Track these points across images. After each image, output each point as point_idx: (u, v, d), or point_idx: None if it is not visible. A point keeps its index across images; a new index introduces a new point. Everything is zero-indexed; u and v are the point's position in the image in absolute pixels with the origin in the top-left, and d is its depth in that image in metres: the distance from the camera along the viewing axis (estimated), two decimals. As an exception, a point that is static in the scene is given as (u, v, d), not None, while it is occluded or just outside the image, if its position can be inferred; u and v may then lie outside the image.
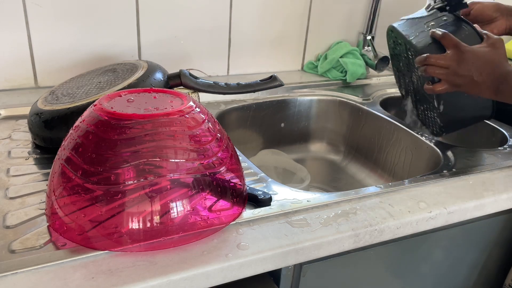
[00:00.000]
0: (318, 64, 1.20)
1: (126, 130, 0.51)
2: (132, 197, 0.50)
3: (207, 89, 0.79)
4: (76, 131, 0.54)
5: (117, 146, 0.50)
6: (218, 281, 0.52)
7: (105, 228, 0.50)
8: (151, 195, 0.50)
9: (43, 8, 0.90)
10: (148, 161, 0.51)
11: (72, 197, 0.52)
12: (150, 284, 0.47)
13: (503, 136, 0.95)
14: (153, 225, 0.51)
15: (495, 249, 0.82)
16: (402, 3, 1.28)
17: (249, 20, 1.10)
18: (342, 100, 1.11)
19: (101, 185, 0.50)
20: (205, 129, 0.56)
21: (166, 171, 0.51)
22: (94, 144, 0.51)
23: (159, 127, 0.52)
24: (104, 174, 0.50)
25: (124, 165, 0.50)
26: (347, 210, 0.62)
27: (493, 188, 0.71)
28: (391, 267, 0.72)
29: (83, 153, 0.51)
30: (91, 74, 0.82)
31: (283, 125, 1.09)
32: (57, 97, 0.76)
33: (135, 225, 0.50)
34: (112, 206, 0.50)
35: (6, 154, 0.71)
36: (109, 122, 0.52)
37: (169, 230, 0.52)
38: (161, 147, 0.51)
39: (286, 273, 0.60)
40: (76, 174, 0.51)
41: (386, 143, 1.01)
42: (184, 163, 0.52)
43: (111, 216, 0.50)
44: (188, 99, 0.58)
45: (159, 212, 0.51)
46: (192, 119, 0.55)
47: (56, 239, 0.52)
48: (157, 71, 0.78)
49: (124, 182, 0.50)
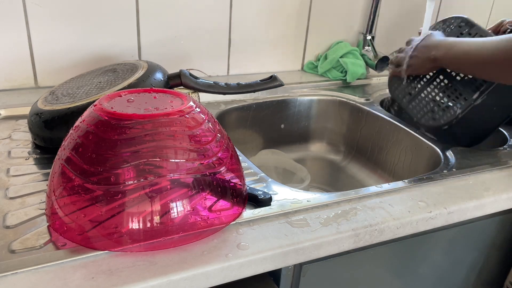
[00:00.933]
0: (318, 64, 1.20)
1: (126, 130, 0.51)
2: (132, 197, 0.50)
3: (207, 89, 0.79)
4: (76, 131, 0.54)
5: (117, 146, 0.50)
6: (218, 281, 0.52)
7: (105, 228, 0.50)
8: (151, 195, 0.50)
9: (43, 8, 0.90)
10: (148, 161, 0.51)
11: (72, 197, 0.52)
12: (150, 284, 0.47)
13: (503, 136, 0.95)
14: (153, 225, 0.51)
15: (495, 249, 0.82)
16: (402, 3, 1.28)
17: (249, 20, 1.10)
18: (342, 100, 1.11)
19: (101, 185, 0.50)
20: (205, 129, 0.56)
21: (166, 171, 0.51)
22: (94, 144, 0.51)
23: (159, 127, 0.52)
24: (104, 174, 0.50)
25: (124, 165, 0.50)
26: (347, 210, 0.62)
27: (493, 188, 0.71)
28: (391, 267, 0.72)
29: (83, 153, 0.51)
30: (91, 74, 0.82)
31: (283, 126, 1.09)
32: (57, 97, 0.76)
33: (135, 225, 0.50)
34: (112, 206, 0.50)
35: (6, 154, 0.71)
36: (109, 122, 0.52)
37: (169, 230, 0.52)
38: (161, 147, 0.51)
39: (286, 273, 0.60)
40: (76, 174, 0.51)
41: (386, 143, 1.01)
42: (184, 163, 0.52)
43: (111, 216, 0.50)
44: (188, 99, 0.58)
45: (159, 212, 0.51)
46: (192, 119, 0.55)
47: (56, 239, 0.52)
48: (157, 71, 0.78)
49: (124, 182, 0.50)
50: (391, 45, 1.27)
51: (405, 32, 1.33)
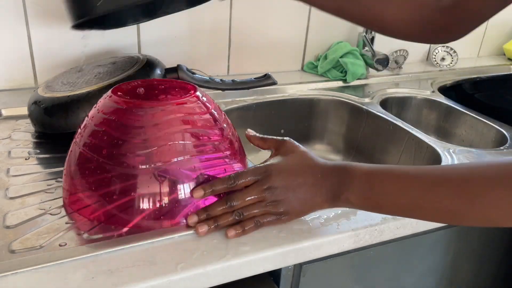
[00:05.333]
0: (318, 64, 1.20)
1: (140, 117, 0.55)
2: (143, 179, 0.53)
3: (203, 85, 0.82)
4: (93, 120, 0.57)
5: (132, 132, 0.54)
6: (218, 281, 0.52)
7: (119, 207, 0.54)
8: (161, 179, 0.54)
9: (43, 8, 0.90)
10: (160, 146, 0.54)
11: (91, 178, 0.55)
12: (150, 284, 0.47)
13: (503, 136, 0.95)
14: (162, 206, 0.54)
15: (496, 248, 0.82)
16: (402, 3, 1.28)
17: (249, 20, 1.10)
18: (342, 100, 1.11)
19: (117, 167, 0.53)
20: (213, 118, 0.60)
21: (175, 155, 0.54)
22: (112, 129, 0.55)
23: (171, 114, 0.56)
24: (119, 158, 0.53)
25: (138, 149, 0.53)
26: (347, 210, 0.62)
27: (493, 188, 0.71)
28: (391, 267, 0.72)
29: (100, 138, 0.55)
30: (91, 65, 0.85)
31: (283, 131, 1.09)
32: (58, 85, 0.78)
33: (146, 205, 0.54)
34: (126, 185, 0.53)
35: (6, 154, 0.71)
36: (126, 109, 0.56)
37: (175, 211, 0.55)
38: (172, 133, 0.55)
39: (286, 273, 0.60)
40: (94, 155, 0.54)
41: (386, 143, 1.01)
42: (194, 149, 0.56)
43: (125, 196, 0.53)
44: (195, 89, 0.61)
45: (167, 193, 0.54)
46: (200, 106, 0.59)
47: (78, 225, 0.53)
48: (155, 64, 0.81)
49: (138, 166, 0.53)
50: (391, 45, 1.27)
51: (405, 32, 1.33)
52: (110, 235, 0.53)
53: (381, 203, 0.52)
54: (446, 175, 0.49)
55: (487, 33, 1.49)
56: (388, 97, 1.14)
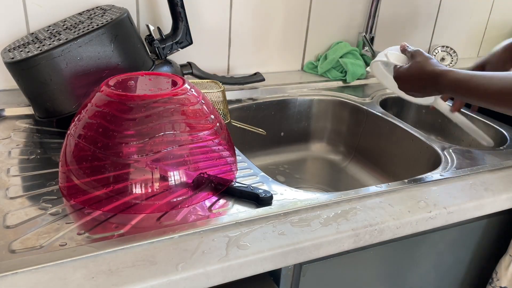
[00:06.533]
0: (318, 64, 1.20)
1: (133, 109, 0.57)
2: (137, 165, 0.57)
3: (209, 77, 0.97)
4: (87, 112, 0.60)
5: (125, 123, 0.57)
6: (218, 281, 0.52)
7: (114, 194, 0.56)
8: (153, 166, 0.57)
9: (43, 8, 0.90)
10: (154, 136, 0.57)
11: (84, 166, 0.58)
12: (150, 284, 0.47)
13: (503, 136, 0.95)
14: (154, 191, 0.58)
15: (495, 248, 0.82)
16: (402, 3, 1.28)
17: (249, 20, 1.10)
18: (342, 100, 1.11)
19: (110, 156, 0.56)
20: (201, 109, 0.63)
21: (166, 145, 0.57)
22: (105, 121, 0.57)
23: (163, 105, 0.58)
24: (113, 148, 0.56)
25: (131, 140, 0.57)
26: (347, 210, 0.62)
27: (492, 188, 0.72)
28: (391, 267, 0.72)
29: (94, 129, 0.58)
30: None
31: (283, 134, 1.10)
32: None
33: (138, 190, 0.57)
34: (119, 173, 0.56)
35: (6, 154, 0.71)
36: (118, 102, 0.58)
37: (164, 195, 0.59)
38: (164, 123, 0.58)
39: (286, 273, 0.60)
40: (89, 146, 0.57)
41: (386, 143, 1.01)
42: (184, 138, 0.59)
43: (119, 183, 0.56)
44: (183, 81, 0.64)
45: (159, 179, 0.58)
46: (188, 98, 0.61)
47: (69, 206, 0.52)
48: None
49: (130, 155, 0.56)
50: (390, 45, 1.27)
51: (404, 32, 1.33)
52: (110, 235, 0.53)
53: None
54: None
55: (487, 33, 1.49)
56: (388, 97, 1.14)
